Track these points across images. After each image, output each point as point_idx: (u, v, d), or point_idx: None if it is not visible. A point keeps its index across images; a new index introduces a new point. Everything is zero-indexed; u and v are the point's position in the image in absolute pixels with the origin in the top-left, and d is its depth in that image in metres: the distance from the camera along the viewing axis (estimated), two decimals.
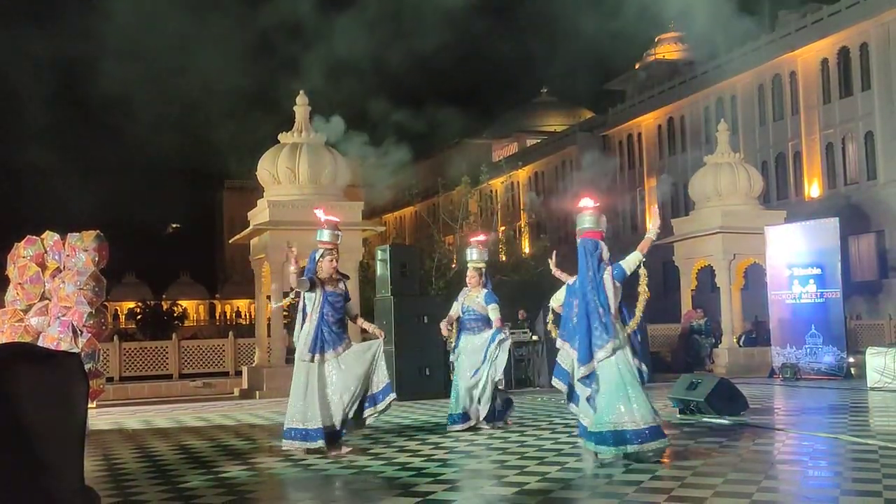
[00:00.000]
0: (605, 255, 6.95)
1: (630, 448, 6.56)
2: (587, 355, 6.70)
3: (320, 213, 8.22)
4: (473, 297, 9.25)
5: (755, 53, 36.04)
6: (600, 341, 6.67)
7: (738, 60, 37.15)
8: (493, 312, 9.12)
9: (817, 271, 15.87)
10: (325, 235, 8.01)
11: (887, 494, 5.30)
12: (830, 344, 15.56)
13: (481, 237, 10.02)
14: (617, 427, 6.58)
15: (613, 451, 6.60)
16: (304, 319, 7.80)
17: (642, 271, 6.96)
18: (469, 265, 9.52)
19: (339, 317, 7.82)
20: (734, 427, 8.71)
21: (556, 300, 7.29)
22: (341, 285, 7.96)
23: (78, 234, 13.34)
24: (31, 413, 2.97)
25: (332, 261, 7.82)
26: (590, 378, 6.73)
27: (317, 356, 7.61)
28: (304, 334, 7.73)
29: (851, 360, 15.62)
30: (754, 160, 32.13)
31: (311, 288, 7.70)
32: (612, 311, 6.75)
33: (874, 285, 29.67)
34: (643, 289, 6.90)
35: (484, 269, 9.43)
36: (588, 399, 6.78)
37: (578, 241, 7.05)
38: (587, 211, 7.14)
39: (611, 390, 6.66)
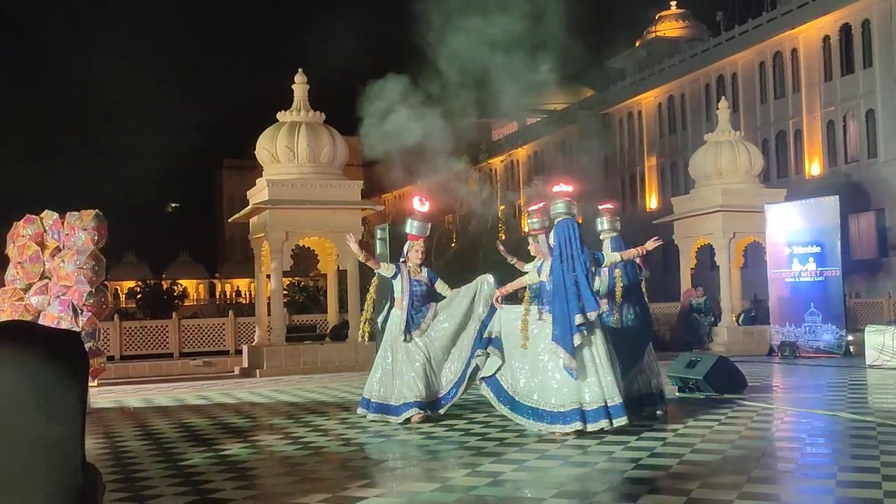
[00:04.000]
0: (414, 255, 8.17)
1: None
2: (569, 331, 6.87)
3: (417, 203, 8.52)
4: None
5: (756, 31, 35.83)
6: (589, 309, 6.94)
7: (739, 38, 36.95)
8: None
9: (817, 249, 15.87)
10: (416, 228, 8.43)
11: (885, 471, 5.33)
12: (829, 322, 15.59)
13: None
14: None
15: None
16: (392, 303, 8.43)
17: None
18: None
19: (424, 302, 8.36)
20: (733, 405, 8.74)
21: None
22: (424, 273, 8.48)
23: (77, 213, 13.34)
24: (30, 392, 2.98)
25: (418, 252, 8.41)
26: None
27: (407, 336, 8.24)
28: (396, 319, 8.27)
29: (850, 338, 15.65)
30: (755, 138, 32.04)
31: (395, 275, 8.36)
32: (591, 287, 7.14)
33: (874, 263, 29.68)
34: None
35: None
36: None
37: (557, 223, 7.29)
38: (562, 196, 7.45)
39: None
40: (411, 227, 8.45)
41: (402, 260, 8.44)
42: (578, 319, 6.87)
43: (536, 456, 6.21)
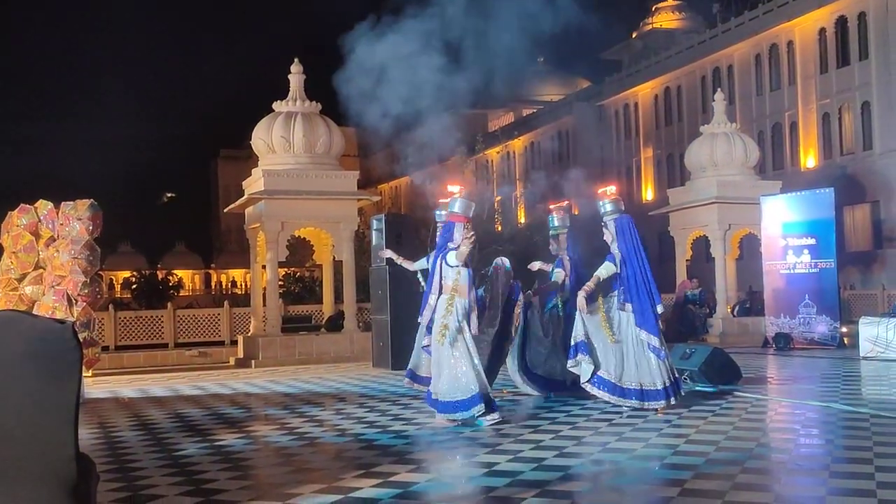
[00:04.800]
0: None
1: None
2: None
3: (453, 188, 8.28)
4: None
5: (752, 23, 35.80)
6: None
7: (735, 30, 36.92)
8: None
9: (812, 241, 15.89)
10: (458, 206, 7.92)
11: (878, 462, 5.35)
12: (824, 314, 15.62)
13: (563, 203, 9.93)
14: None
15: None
16: (440, 293, 7.71)
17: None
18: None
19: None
20: (727, 396, 8.76)
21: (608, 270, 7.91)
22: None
23: (72, 202, 13.29)
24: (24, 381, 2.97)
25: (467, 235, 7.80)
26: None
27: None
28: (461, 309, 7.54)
29: (844, 329, 15.70)
30: (750, 130, 32.05)
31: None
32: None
33: (869, 255, 29.75)
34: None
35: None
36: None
37: (616, 218, 8.02)
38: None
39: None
40: (456, 206, 7.90)
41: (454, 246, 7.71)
42: (660, 309, 7.89)
43: (531, 447, 6.22)
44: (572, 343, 7.97)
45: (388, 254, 9.94)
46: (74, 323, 12.06)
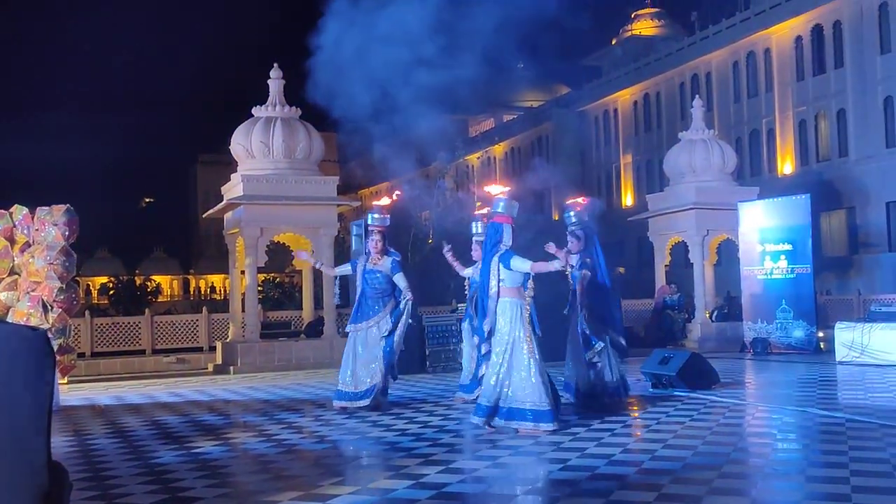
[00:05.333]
0: (507, 239, 7.38)
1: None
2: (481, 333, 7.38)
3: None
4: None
5: (730, 30, 36.11)
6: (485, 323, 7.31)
7: (713, 37, 37.23)
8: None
9: (788, 247, 16.03)
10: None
11: (853, 466, 5.39)
12: (801, 319, 15.75)
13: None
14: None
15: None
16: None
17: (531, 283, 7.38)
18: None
19: (378, 293, 8.65)
20: (705, 401, 8.81)
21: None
22: (383, 263, 8.67)
23: (48, 207, 13.17)
24: None
25: (377, 242, 8.63)
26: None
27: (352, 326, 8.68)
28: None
29: (821, 334, 15.81)
30: (728, 137, 32.29)
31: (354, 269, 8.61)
32: (491, 293, 7.29)
33: (845, 261, 30.03)
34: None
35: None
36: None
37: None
38: (500, 195, 7.80)
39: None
40: (370, 217, 8.76)
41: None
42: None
43: (509, 453, 6.22)
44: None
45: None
46: (49, 330, 11.96)
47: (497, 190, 8.24)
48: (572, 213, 8.90)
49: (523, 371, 7.07)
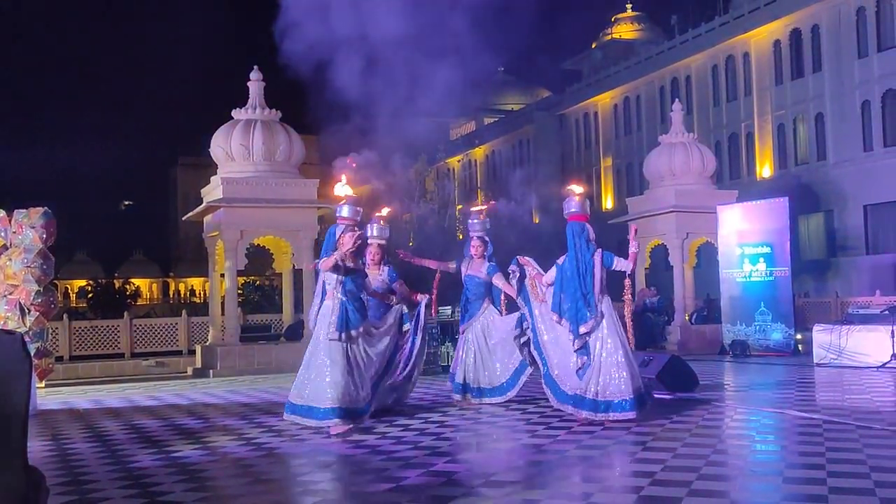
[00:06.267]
0: (592, 236, 7.78)
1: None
2: (576, 330, 7.60)
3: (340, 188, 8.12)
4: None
5: (709, 34, 36.38)
6: (587, 317, 7.55)
7: (692, 41, 37.48)
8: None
9: (767, 250, 16.16)
10: (345, 211, 7.93)
11: (830, 467, 5.44)
12: (779, 321, 15.88)
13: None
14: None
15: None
16: (323, 297, 7.76)
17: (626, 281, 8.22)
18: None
19: (360, 294, 7.96)
20: (684, 403, 8.85)
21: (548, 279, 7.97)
22: (361, 263, 8.12)
23: (25, 210, 13.06)
24: None
25: (352, 237, 7.65)
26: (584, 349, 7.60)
27: (343, 334, 7.54)
28: (325, 312, 7.60)
29: (799, 336, 15.95)
30: (708, 140, 32.50)
31: (336, 269, 7.58)
32: (597, 288, 7.63)
33: (823, 264, 30.30)
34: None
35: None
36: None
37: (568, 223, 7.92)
38: (574, 196, 7.95)
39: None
40: (340, 209, 8.04)
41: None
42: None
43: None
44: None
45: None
46: (26, 333, 11.85)
47: (577, 189, 8.24)
48: (476, 221, 9.39)
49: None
